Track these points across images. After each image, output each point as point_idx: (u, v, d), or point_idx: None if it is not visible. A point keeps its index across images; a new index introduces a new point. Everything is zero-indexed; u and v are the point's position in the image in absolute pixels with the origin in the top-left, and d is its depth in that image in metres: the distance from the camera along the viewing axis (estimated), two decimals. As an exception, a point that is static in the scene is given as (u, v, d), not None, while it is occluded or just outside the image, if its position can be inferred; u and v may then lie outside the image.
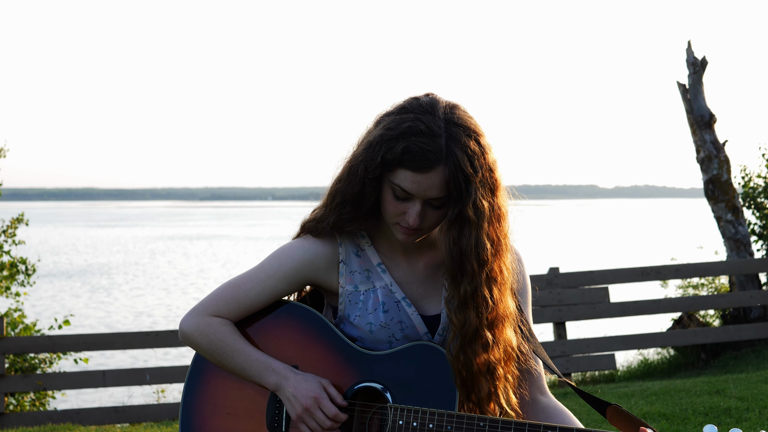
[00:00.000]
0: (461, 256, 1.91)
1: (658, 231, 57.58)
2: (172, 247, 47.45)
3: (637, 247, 39.87)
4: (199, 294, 24.15)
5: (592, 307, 7.93)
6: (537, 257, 32.13)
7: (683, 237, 42.44)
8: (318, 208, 2.08)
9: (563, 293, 7.92)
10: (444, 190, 1.90)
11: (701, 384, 5.98)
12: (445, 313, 2.03)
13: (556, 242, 45.85)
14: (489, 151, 1.92)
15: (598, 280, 8.06)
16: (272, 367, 2.00)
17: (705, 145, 8.98)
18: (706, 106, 9.04)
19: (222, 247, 46.73)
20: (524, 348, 2.04)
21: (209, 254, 41.15)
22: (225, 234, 63.23)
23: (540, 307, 7.86)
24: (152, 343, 7.05)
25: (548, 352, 7.75)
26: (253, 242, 51.85)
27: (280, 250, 2.07)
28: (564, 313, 7.88)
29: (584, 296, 7.95)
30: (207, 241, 53.11)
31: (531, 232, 57.06)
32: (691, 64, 9.10)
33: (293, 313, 2.05)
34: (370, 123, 1.98)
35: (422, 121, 1.88)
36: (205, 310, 2.04)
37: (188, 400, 2.07)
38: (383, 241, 2.07)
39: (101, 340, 7.04)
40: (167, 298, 23.30)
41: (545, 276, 7.96)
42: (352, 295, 2.03)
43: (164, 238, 56.63)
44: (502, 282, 1.96)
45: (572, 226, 71.06)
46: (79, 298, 23.34)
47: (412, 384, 1.95)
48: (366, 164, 1.91)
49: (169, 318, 19.38)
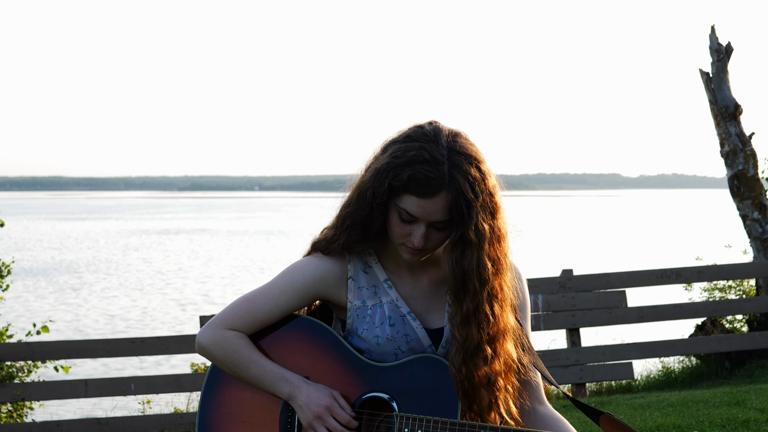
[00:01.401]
0: (463, 275, 2.28)
1: (684, 226, 57.73)
2: (148, 242, 47.62)
3: (660, 245, 40.07)
4: (178, 295, 24.24)
5: (608, 312, 8.19)
6: (549, 258, 32.37)
7: (712, 234, 42.61)
8: (328, 228, 2.45)
9: (577, 297, 8.18)
10: (447, 214, 2.27)
11: (721, 395, 6.28)
12: (448, 327, 2.39)
13: (571, 240, 46.08)
14: (489, 176, 2.28)
15: (614, 283, 8.32)
16: (285, 377, 2.36)
17: (730, 138, 9.27)
18: (731, 96, 9.32)
19: (204, 243, 46.87)
20: (524, 360, 2.40)
21: (189, 250, 41.28)
22: (207, 228, 63.43)
23: (552, 313, 8.11)
24: (138, 350, 7.35)
25: (561, 361, 8.02)
26: (239, 237, 51.98)
27: (292, 267, 2.43)
28: (578, 318, 8.15)
29: (600, 300, 8.21)
30: (187, 236, 53.29)
31: (544, 229, 57.29)
32: (715, 51, 9.38)
33: (304, 326, 2.42)
34: (378, 149, 2.35)
35: (426, 149, 2.25)
36: (221, 323, 2.41)
37: (205, 408, 2.43)
38: (389, 259, 2.45)
39: (84, 348, 7.33)
40: (143, 300, 23.40)
41: (558, 279, 8.21)
42: (360, 309, 2.40)
43: (139, 233, 56.79)
44: (503, 299, 2.33)
45: (590, 221, 71.26)
46: (45, 299, 23.39)
47: (416, 394, 2.31)
48: (374, 190, 2.29)
49: (145, 322, 19.47)
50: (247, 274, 29.93)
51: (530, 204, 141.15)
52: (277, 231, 58.53)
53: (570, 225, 64.30)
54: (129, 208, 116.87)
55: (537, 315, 8.12)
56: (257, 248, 42.79)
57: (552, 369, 7.98)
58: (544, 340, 11.11)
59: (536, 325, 8.12)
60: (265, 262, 34.85)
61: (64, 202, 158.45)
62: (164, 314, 20.83)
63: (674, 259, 27.62)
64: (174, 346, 7.41)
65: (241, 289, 25.18)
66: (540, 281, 8.22)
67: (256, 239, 49.85)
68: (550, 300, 8.14)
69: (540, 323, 8.14)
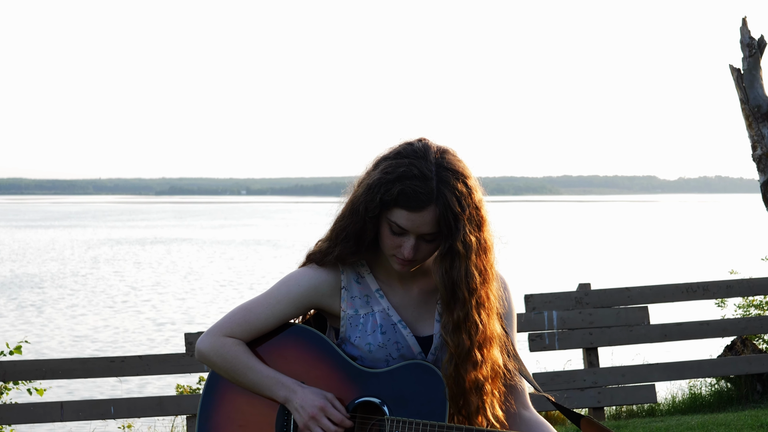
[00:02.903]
0: (453, 285, 2.74)
1: (722, 236, 57.78)
2: (120, 253, 47.85)
3: (690, 256, 40.24)
4: (155, 314, 24.25)
5: (629, 330, 8.45)
6: (565, 271, 32.72)
7: (752, 244, 42.77)
8: (322, 241, 2.91)
9: (595, 314, 8.45)
10: (435, 227, 2.72)
11: (745, 417, 6.64)
12: (437, 334, 2.85)
13: (591, 251, 46.29)
14: (475, 191, 2.75)
15: (636, 299, 8.53)
16: (282, 381, 2.82)
17: (763, 141, 9.61)
18: (764, 94, 9.66)
19: (184, 254, 47.03)
20: (510, 366, 2.85)
21: (167, 263, 41.47)
22: (187, 237, 63.71)
23: (568, 331, 8.38)
24: (118, 371, 7.72)
25: (577, 383, 8.35)
26: (223, 247, 52.14)
27: (288, 278, 2.90)
28: (596, 337, 8.43)
29: (620, 317, 8.45)
30: (165, 246, 53.56)
31: (561, 238, 57.51)
32: (746, 46, 9.73)
33: (299, 334, 2.89)
34: (369, 165, 2.82)
35: (416, 165, 2.71)
36: (219, 331, 2.88)
37: (204, 413, 2.90)
38: (381, 270, 2.91)
39: (60, 368, 7.67)
40: (114, 319, 23.57)
41: (574, 294, 8.47)
42: (352, 318, 2.86)
43: (110, 243, 57.08)
44: (490, 307, 2.79)
45: (615, 229, 71.33)
46: (4, 318, 23.53)
47: (407, 398, 2.76)
48: (366, 204, 2.74)
49: (117, 344, 19.60)
50: (232, 290, 30.13)
51: (552, 210, 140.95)
52: (267, 241, 58.67)
53: (591, 234, 64.46)
54: (99, 215, 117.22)
55: (551, 333, 8.36)
56: (244, 260, 42.92)
57: (568, 391, 8.28)
58: (559, 360, 11.45)
59: (550, 344, 8.38)
60: (253, 276, 34.99)
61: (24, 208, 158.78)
62: (139, 335, 20.99)
63: (705, 272, 27.83)
64: (157, 366, 7.77)
65: (224, 308, 25.38)
66: (554, 296, 8.48)
67: (243, 250, 50.03)
68: (566, 317, 8.38)
69: (554, 342, 8.39)
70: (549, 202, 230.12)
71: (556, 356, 11.86)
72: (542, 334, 8.35)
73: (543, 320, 8.39)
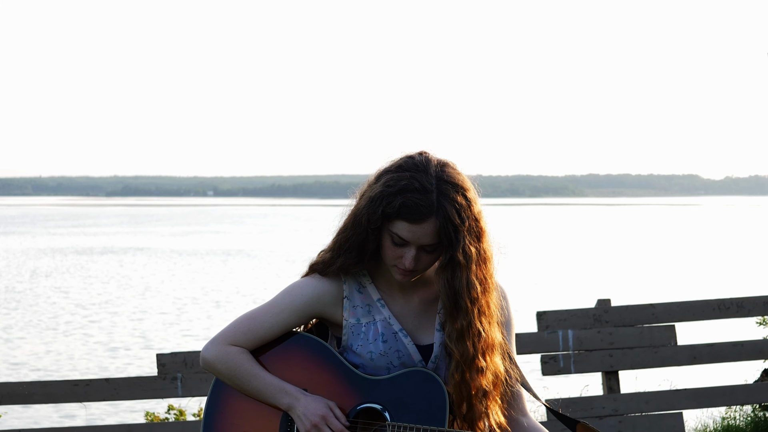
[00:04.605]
0: (455, 295, 3.35)
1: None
2: (64, 265, 47.61)
3: (730, 269, 40.37)
4: (105, 337, 23.54)
5: (654, 351, 8.67)
6: (582, 285, 33.28)
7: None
8: (324, 251, 3.53)
9: (616, 333, 8.68)
10: (435, 238, 3.33)
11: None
12: (437, 342, 3.46)
13: (612, 261, 46.57)
14: (475, 203, 3.37)
15: (661, 316, 8.79)
16: (285, 389, 3.43)
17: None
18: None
19: (139, 266, 46.63)
20: (511, 373, 3.47)
21: (120, 277, 41.13)
22: (144, 246, 63.53)
23: (585, 352, 8.59)
24: (82, 395, 8.06)
25: (596, 410, 8.67)
26: (187, 259, 51.79)
27: (291, 287, 3.53)
28: (616, 359, 8.67)
29: (643, 337, 8.69)
30: (117, 257, 53.33)
31: (579, 248, 57.56)
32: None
33: (302, 342, 3.51)
34: (371, 177, 3.43)
35: (417, 179, 3.32)
36: (224, 339, 3.50)
37: (209, 420, 3.51)
38: (382, 280, 3.53)
39: (16, 392, 7.92)
40: (57, 343, 23.45)
41: (592, 311, 8.71)
42: (354, 327, 3.47)
43: (53, 252, 56.95)
44: (490, 315, 3.41)
45: (643, 237, 71.17)
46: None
47: (408, 405, 3.36)
48: (368, 216, 3.35)
49: (61, 372, 19.49)
50: (197, 309, 29.87)
51: (575, 214, 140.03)
52: (239, 251, 58.27)
53: (615, 242, 64.47)
54: (39, 219, 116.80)
55: (566, 355, 8.59)
56: (212, 274, 42.28)
57: (584, 420, 8.63)
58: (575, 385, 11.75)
59: (565, 367, 8.61)
60: (221, 292, 34.65)
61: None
62: (87, 361, 20.84)
63: (742, 287, 28.00)
64: (126, 391, 8.07)
65: (190, 329, 25.38)
66: (570, 313, 8.73)
67: (210, 262, 49.71)
68: (583, 336, 8.65)
69: (570, 365, 8.62)
70: (571, 205, 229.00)
71: (571, 381, 12.11)
72: (556, 356, 8.58)
73: (557, 340, 8.66)
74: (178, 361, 7.60)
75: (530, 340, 8.40)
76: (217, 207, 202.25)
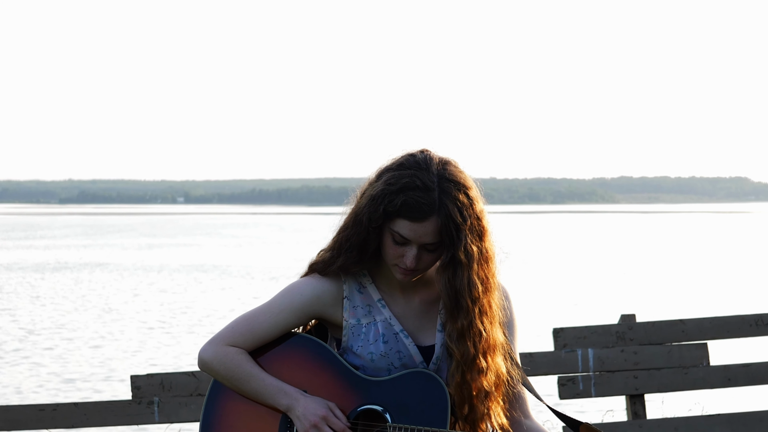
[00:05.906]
0: (456, 294, 3.73)
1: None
2: (10, 283, 47.03)
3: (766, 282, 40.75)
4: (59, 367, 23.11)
5: (684, 372, 8.85)
6: (604, 299, 33.43)
7: None
8: (324, 251, 3.93)
9: (641, 352, 8.85)
10: (437, 237, 3.72)
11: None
12: (438, 343, 3.85)
13: (639, 274, 46.74)
14: (477, 201, 3.76)
15: (692, 334, 8.98)
16: (284, 390, 3.82)
17: None
18: None
19: (98, 285, 45.92)
20: (513, 374, 3.86)
21: (76, 297, 40.38)
22: (103, 261, 63.11)
23: (607, 373, 8.75)
24: (49, 421, 8.31)
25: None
26: (152, 276, 51.10)
27: (291, 287, 3.92)
28: (642, 381, 8.87)
29: (672, 357, 8.88)
30: (71, 274, 52.76)
31: (603, 258, 57.54)
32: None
33: (301, 343, 3.91)
34: (372, 176, 3.83)
35: (418, 177, 3.71)
36: (222, 340, 3.88)
37: (207, 422, 3.92)
38: (383, 280, 3.93)
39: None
40: (2, 374, 22.73)
41: (615, 327, 8.85)
42: (354, 327, 3.86)
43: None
44: (492, 315, 3.79)
45: (678, 247, 71.03)
46: None
47: (409, 406, 3.75)
48: (370, 215, 3.74)
49: (12, 402, 18.84)
50: (162, 333, 29.52)
51: (604, 223, 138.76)
52: (213, 266, 57.65)
53: (645, 253, 64.44)
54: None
55: (587, 376, 8.76)
56: (181, 293, 41.61)
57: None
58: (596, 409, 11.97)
59: (585, 389, 8.76)
60: (193, 314, 34.30)
61: None
62: (37, 395, 20.79)
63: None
64: (96, 416, 8.32)
65: (155, 357, 25.25)
66: (591, 330, 8.86)
67: (180, 279, 49.18)
68: (605, 356, 8.83)
69: (590, 387, 8.79)
70: (601, 213, 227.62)
71: (592, 405, 12.30)
72: (575, 377, 8.70)
73: (576, 360, 8.83)
74: (154, 383, 7.66)
75: (546, 360, 8.58)
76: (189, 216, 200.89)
